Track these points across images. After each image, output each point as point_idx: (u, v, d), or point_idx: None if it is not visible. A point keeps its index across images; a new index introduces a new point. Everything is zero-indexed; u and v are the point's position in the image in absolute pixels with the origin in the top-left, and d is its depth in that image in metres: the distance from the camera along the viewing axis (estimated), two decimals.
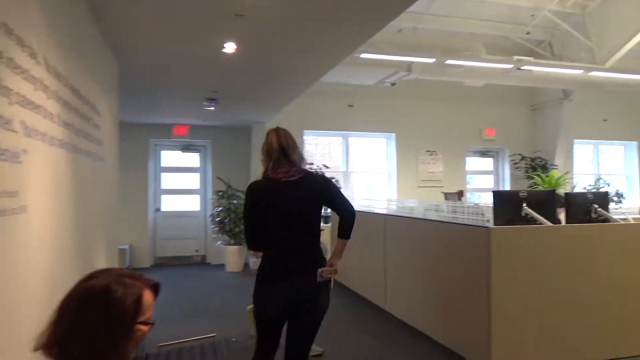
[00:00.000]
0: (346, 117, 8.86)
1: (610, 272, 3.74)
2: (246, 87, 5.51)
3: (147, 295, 1.21)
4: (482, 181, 9.92)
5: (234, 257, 7.80)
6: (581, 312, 3.66)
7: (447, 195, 7.35)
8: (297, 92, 5.65)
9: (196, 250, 8.79)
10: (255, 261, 7.78)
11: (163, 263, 8.57)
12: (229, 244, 7.91)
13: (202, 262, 8.70)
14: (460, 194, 8.71)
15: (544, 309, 3.59)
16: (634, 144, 10.24)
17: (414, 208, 5.13)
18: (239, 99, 6.06)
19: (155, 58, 4.25)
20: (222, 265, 8.03)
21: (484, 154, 9.86)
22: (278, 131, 2.57)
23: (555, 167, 8.90)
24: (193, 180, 8.87)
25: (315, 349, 3.78)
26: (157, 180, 8.68)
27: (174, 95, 6.04)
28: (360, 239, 6.03)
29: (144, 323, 1.18)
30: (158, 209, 8.66)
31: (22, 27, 1.77)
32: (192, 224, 8.78)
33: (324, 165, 7.68)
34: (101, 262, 3.28)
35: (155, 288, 1.24)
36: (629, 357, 3.61)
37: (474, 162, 9.84)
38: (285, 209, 2.49)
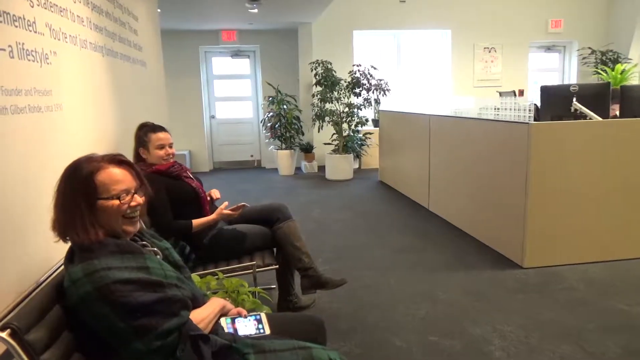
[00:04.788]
0: (398, 13, 8.40)
1: None
2: None
3: (106, 173, 1.34)
4: (547, 79, 9.27)
5: (286, 161, 8.06)
6: (618, 211, 3.56)
7: (503, 95, 7.00)
8: None
9: (251, 155, 9.15)
10: (307, 165, 8.06)
11: (221, 167, 9.04)
12: (281, 149, 8.15)
13: (257, 167, 9.09)
14: (520, 93, 8.26)
15: (581, 207, 3.53)
16: None
17: (459, 108, 4.97)
18: None
19: None
20: (275, 170, 8.36)
21: (549, 49, 9.12)
22: None
23: (629, 60, 8.10)
24: (245, 87, 8.99)
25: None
26: (211, 87, 8.88)
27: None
28: (405, 140, 6.02)
29: (107, 198, 1.33)
30: (213, 116, 8.96)
31: None
32: (246, 130, 9.06)
33: (372, 67, 7.46)
34: None
35: (119, 162, 1.38)
36: None
37: (537, 59, 9.15)
38: None
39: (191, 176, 2.83)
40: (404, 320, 2.85)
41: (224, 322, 1.54)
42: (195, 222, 2.61)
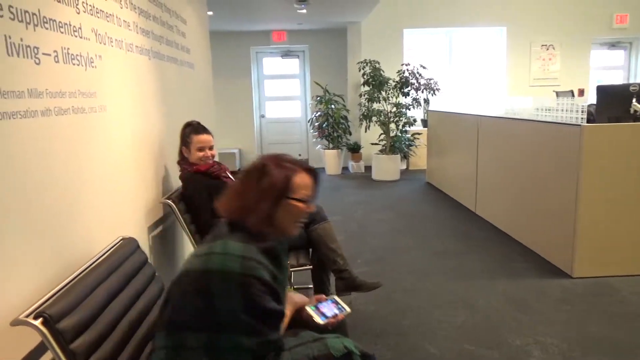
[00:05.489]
0: (451, 10, 8.20)
1: None
2: None
3: (300, 177, 1.45)
4: (611, 78, 8.74)
5: (333, 160, 8.08)
6: None
7: (560, 94, 6.67)
8: None
9: (299, 155, 9.24)
10: (354, 165, 8.02)
11: None
12: (328, 148, 8.17)
13: None
14: (580, 93, 7.84)
15: (637, 214, 3.30)
16: None
17: (510, 108, 4.78)
18: None
19: None
20: (322, 169, 8.40)
21: (613, 45, 8.59)
22: None
23: None
24: (294, 87, 9.09)
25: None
26: (261, 87, 9.05)
27: (265, 1, 6.06)
28: (453, 141, 5.87)
29: (297, 200, 1.43)
30: (263, 116, 9.13)
31: None
32: (294, 129, 9.16)
33: (421, 66, 7.32)
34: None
35: (311, 172, 1.49)
36: None
37: (600, 56, 8.64)
38: None
39: (230, 176, 2.91)
40: (440, 326, 2.78)
41: (312, 311, 1.60)
42: None
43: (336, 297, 1.68)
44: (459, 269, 3.64)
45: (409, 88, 7.29)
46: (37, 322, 1.22)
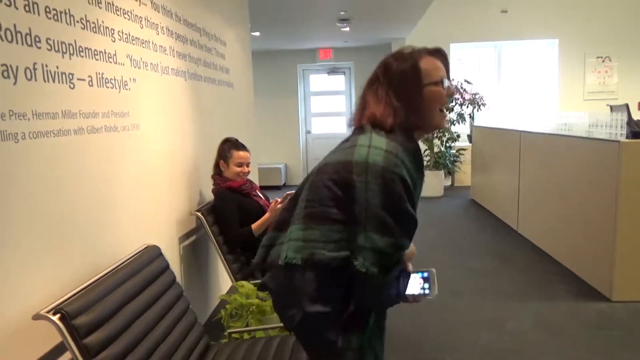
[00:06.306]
0: (499, 24, 8.06)
1: None
2: (369, 3, 5.41)
3: (426, 61, 1.31)
4: None
5: None
6: None
7: (614, 108, 6.36)
8: (423, 3, 5.34)
9: None
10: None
11: None
12: None
13: None
14: (639, 106, 7.42)
15: None
16: None
17: (561, 123, 4.63)
18: (368, 15, 5.99)
19: None
20: None
21: None
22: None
23: None
24: (339, 103, 9.23)
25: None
26: (307, 103, 9.26)
27: (309, 20, 6.25)
28: (497, 157, 5.74)
29: (433, 84, 1.30)
30: (309, 131, 9.31)
31: None
32: None
33: (465, 81, 7.23)
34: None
35: (435, 53, 1.35)
36: None
37: None
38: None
39: (259, 194, 3.05)
40: (464, 345, 2.74)
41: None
42: (254, 225, 2.80)
43: (432, 271, 1.36)
44: (493, 288, 3.56)
45: (454, 103, 7.21)
46: (55, 318, 1.37)
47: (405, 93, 1.29)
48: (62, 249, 1.67)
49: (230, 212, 2.84)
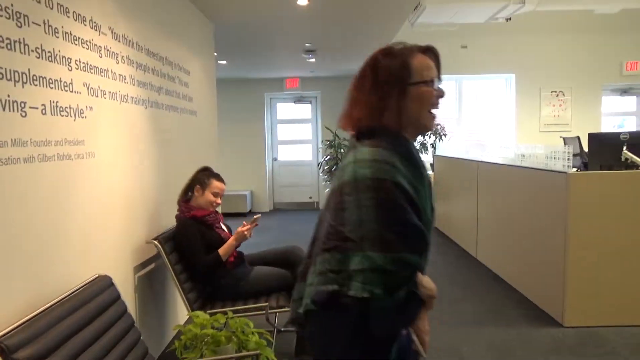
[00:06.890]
0: (459, 59, 8.40)
1: None
2: (333, 37, 5.59)
3: (418, 59, 1.26)
4: (627, 124, 8.68)
5: None
6: None
7: (567, 141, 6.69)
8: (387, 37, 5.55)
9: (310, 197, 9.37)
10: None
11: (280, 208, 9.33)
12: None
13: (316, 208, 9.26)
14: None
15: (628, 265, 3.26)
16: None
17: (506, 154, 4.84)
18: (332, 48, 6.18)
19: (244, 16, 4.55)
20: None
21: (625, 92, 8.59)
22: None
23: None
24: (305, 131, 9.34)
25: None
26: (274, 131, 9.33)
27: (276, 51, 6.38)
28: (456, 186, 5.91)
29: (422, 83, 1.25)
30: (275, 159, 9.36)
31: (80, 5, 2.16)
32: (305, 172, 9.34)
33: None
34: None
35: (427, 51, 1.29)
36: None
37: (612, 102, 8.65)
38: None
39: (223, 226, 3.05)
40: None
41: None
42: (221, 250, 2.80)
43: (414, 337, 1.28)
44: (450, 316, 3.62)
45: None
46: None
47: (393, 92, 1.23)
48: (6, 279, 1.63)
49: (195, 240, 2.82)
